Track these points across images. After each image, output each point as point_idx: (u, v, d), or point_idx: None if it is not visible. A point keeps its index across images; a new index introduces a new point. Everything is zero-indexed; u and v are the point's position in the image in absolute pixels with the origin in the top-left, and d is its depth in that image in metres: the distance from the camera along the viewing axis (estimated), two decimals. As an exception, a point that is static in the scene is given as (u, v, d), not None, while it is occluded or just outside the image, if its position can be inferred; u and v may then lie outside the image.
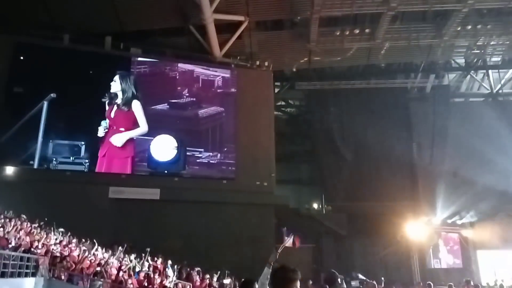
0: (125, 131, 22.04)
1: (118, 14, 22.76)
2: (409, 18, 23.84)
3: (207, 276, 15.16)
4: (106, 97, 21.93)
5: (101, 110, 21.76)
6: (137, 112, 22.44)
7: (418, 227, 24.04)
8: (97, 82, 22.03)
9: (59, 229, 15.86)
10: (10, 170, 19.90)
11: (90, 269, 11.87)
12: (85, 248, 14.21)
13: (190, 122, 23.82)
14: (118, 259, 14.22)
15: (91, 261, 12.62)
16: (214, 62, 24.60)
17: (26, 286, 10.11)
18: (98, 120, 21.59)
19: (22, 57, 21.71)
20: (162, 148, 22.59)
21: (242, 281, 4.57)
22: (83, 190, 19.76)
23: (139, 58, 23.73)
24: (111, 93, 22.13)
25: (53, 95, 20.87)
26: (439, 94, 29.52)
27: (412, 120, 29.13)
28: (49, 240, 13.80)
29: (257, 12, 23.23)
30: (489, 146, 24.92)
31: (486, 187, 24.07)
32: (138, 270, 13.29)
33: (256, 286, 4.10)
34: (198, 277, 14.84)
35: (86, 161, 21.40)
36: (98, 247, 14.68)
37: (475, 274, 23.77)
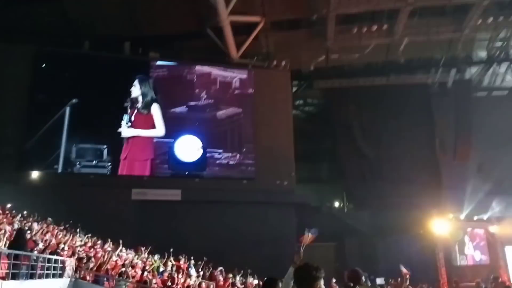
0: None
1: (136, 20, 23.17)
2: (427, 12, 23.41)
3: (230, 275, 15.24)
4: (128, 101, 22.35)
5: (121, 113, 22.15)
6: (155, 115, 22.85)
7: (443, 224, 23.55)
8: (117, 86, 22.44)
9: (84, 231, 16.23)
10: (36, 174, 20.61)
11: (115, 269, 12.08)
12: (109, 249, 14.48)
13: (209, 124, 24.05)
14: (142, 260, 14.43)
15: (116, 261, 12.84)
16: (231, 63, 24.76)
17: (54, 287, 10.32)
18: (119, 124, 21.99)
19: (44, 64, 22.26)
20: (187, 149, 22.90)
21: (265, 279, 4.51)
22: (107, 192, 20.16)
23: (158, 62, 24.09)
24: (132, 98, 22.55)
25: (74, 101, 21.45)
26: (461, 89, 28.93)
27: (434, 116, 28.69)
28: (74, 242, 14.11)
29: (273, 12, 23.22)
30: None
31: (512, 181, 23.54)
32: (162, 270, 13.46)
33: (280, 284, 4.05)
34: (221, 276, 14.91)
35: (109, 164, 21.84)
36: (123, 248, 14.95)
37: (504, 270, 23.12)
